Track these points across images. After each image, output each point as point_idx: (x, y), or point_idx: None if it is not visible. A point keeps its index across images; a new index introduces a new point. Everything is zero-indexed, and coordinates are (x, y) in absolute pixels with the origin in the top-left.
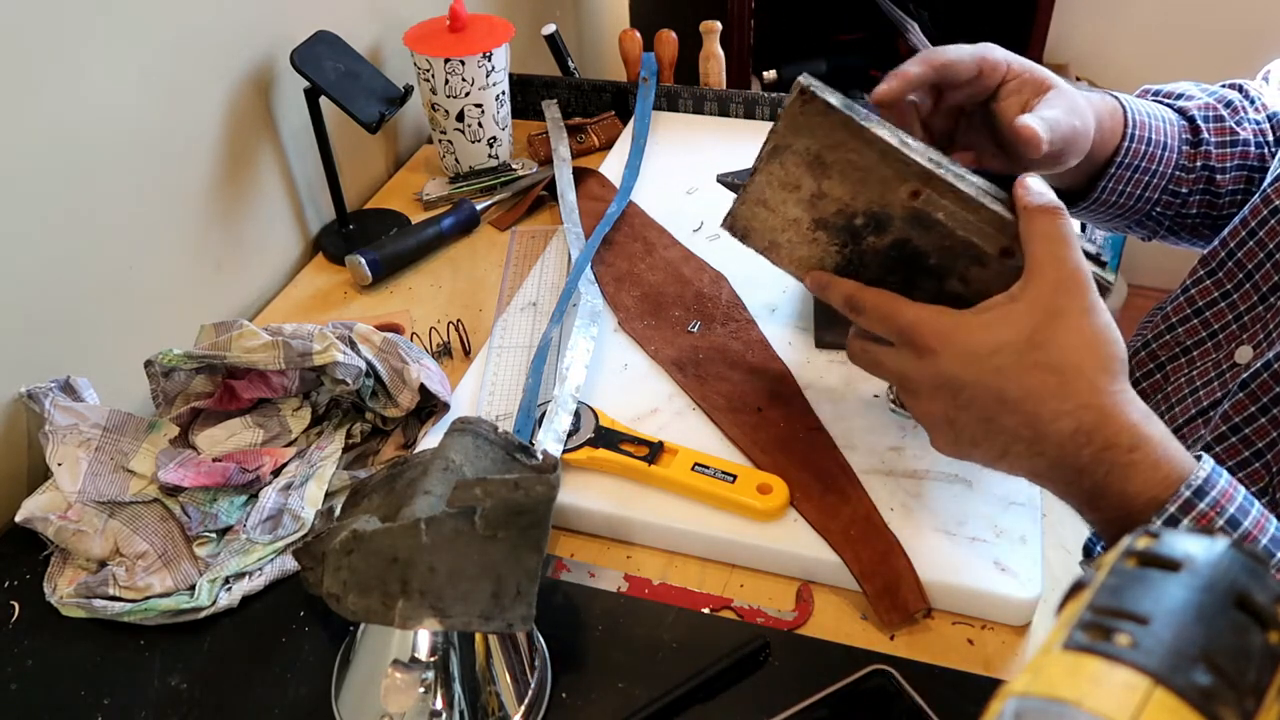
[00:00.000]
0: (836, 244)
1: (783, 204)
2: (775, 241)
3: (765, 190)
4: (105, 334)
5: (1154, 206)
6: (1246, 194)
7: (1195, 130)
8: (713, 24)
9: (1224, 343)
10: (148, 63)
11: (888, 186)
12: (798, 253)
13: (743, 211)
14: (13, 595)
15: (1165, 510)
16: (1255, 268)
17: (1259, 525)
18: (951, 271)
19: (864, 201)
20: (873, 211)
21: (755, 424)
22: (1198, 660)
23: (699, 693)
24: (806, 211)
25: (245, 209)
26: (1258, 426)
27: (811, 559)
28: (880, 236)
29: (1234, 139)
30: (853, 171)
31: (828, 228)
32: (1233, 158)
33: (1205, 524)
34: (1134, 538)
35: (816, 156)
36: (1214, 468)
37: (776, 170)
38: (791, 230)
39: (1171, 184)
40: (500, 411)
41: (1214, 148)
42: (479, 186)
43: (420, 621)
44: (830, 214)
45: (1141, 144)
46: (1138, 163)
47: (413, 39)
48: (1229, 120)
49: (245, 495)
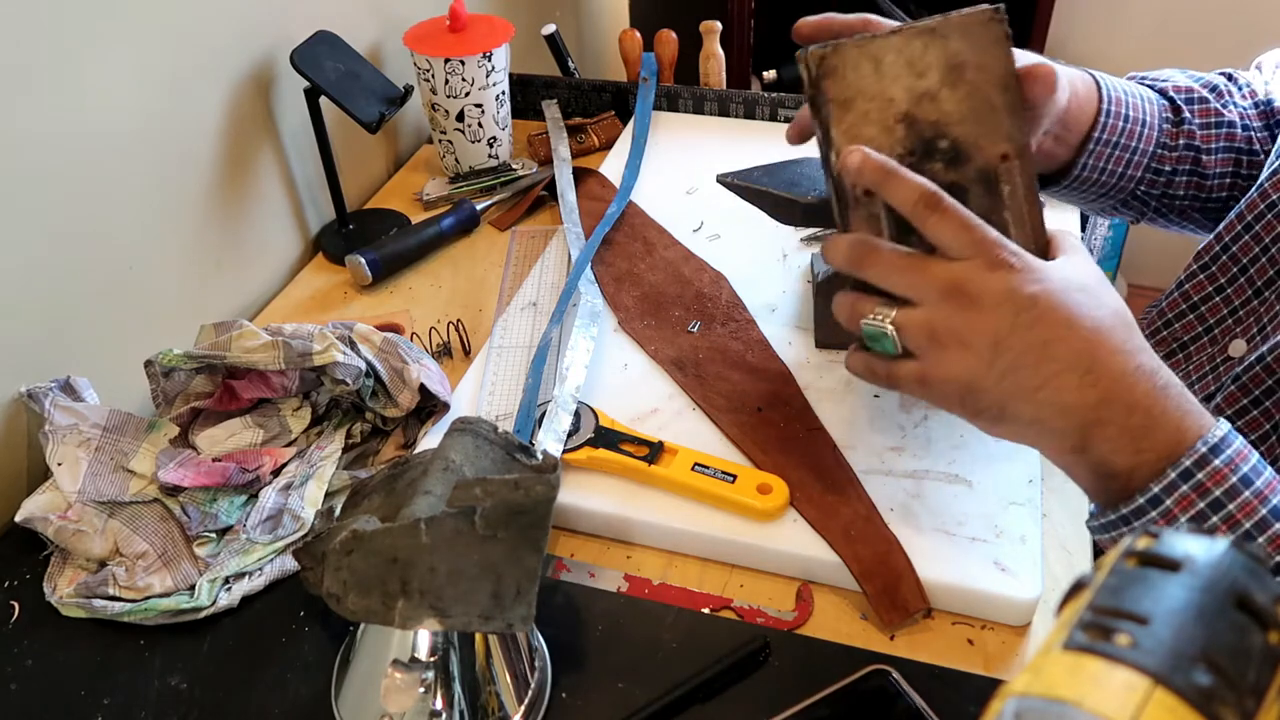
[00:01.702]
0: (905, 148)
1: (894, 78)
2: (852, 101)
3: (890, 54)
4: (105, 334)
5: (1138, 185)
6: (1235, 176)
7: (1176, 110)
8: (713, 24)
9: (1219, 337)
10: (147, 63)
11: (992, 135)
12: (863, 129)
13: (850, 54)
14: (13, 595)
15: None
16: (1250, 262)
17: (1270, 486)
18: (973, 198)
19: (963, 131)
20: (961, 144)
21: (755, 424)
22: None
23: (699, 693)
24: (908, 101)
25: (245, 209)
26: (1250, 419)
27: (811, 559)
28: (946, 170)
29: (1219, 120)
30: (977, 100)
31: (912, 128)
32: (1218, 139)
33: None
34: (1134, 538)
35: (959, 65)
36: (1230, 429)
37: (915, 46)
38: (877, 105)
39: (1154, 162)
40: (500, 411)
41: (1198, 128)
42: (479, 186)
43: (420, 621)
44: (927, 119)
45: (1119, 120)
46: (1116, 139)
47: (413, 39)
48: (1214, 102)
49: (245, 495)
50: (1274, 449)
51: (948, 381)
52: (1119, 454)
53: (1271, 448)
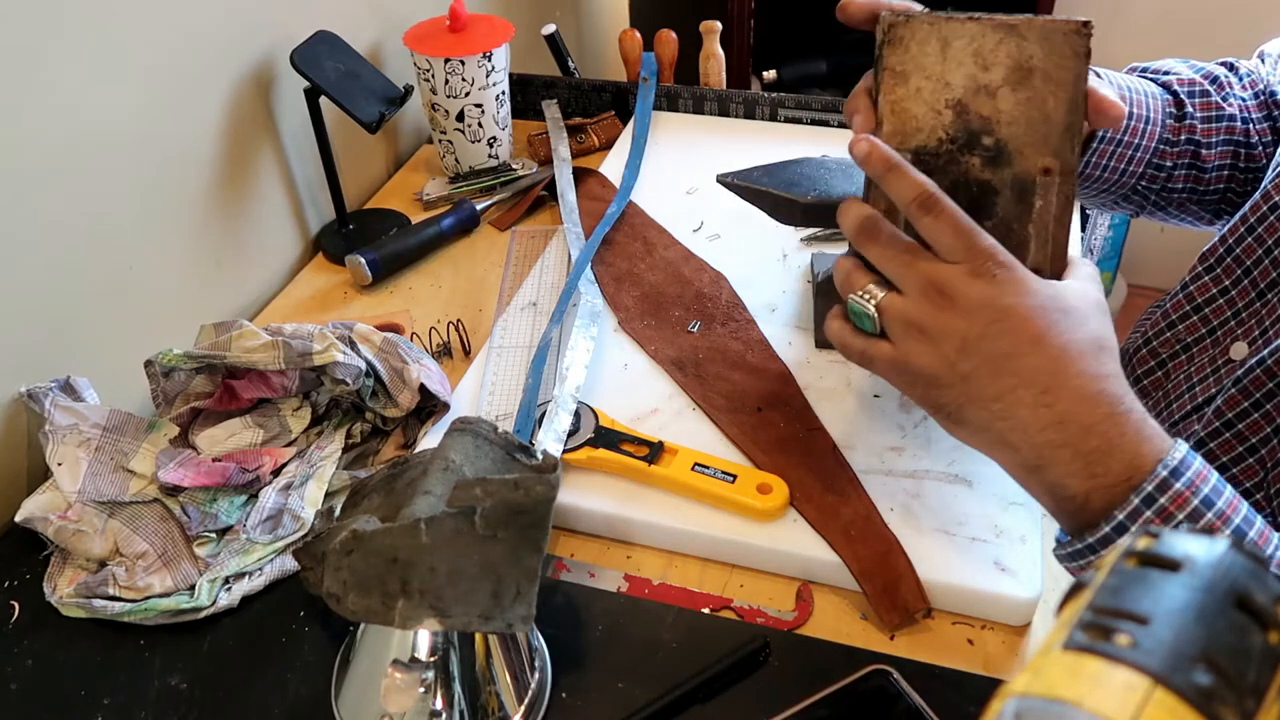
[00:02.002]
0: (947, 135)
1: (959, 63)
2: (908, 75)
3: (961, 39)
4: (105, 334)
5: (1139, 180)
6: (1232, 169)
7: (1179, 105)
8: (713, 24)
9: (1221, 339)
10: (148, 63)
11: (1040, 146)
12: (910, 105)
13: (921, 28)
14: (13, 595)
15: (1156, 475)
16: (1254, 264)
17: (1231, 506)
18: (1000, 204)
19: (1011, 133)
20: (1006, 146)
21: (755, 424)
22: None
23: (699, 693)
24: (964, 89)
25: (245, 209)
26: (1251, 421)
27: (811, 559)
28: (983, 167)
29: (1219, 114)
30: (1035, 107)
31: (961, 117)
32: (1218, 132)
33: (1182, 501)
34: (1134, 538)
35: (1028, 69)
36: (1188, 450)
37: (989, 39)
38: (932, 85)
39: (1155, 157)
40: (500, 411)
41: (1199, 122)
42: (479, 186)
43: (420, 621)
44: (979, 112)
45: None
46: (1121, 136)
47: (413, 39)
48: (1214, 95)
49: (245, 495)
50: (1274, 452)
51: (914, 372)
52: (1073, 477)
53: (1273, 450)
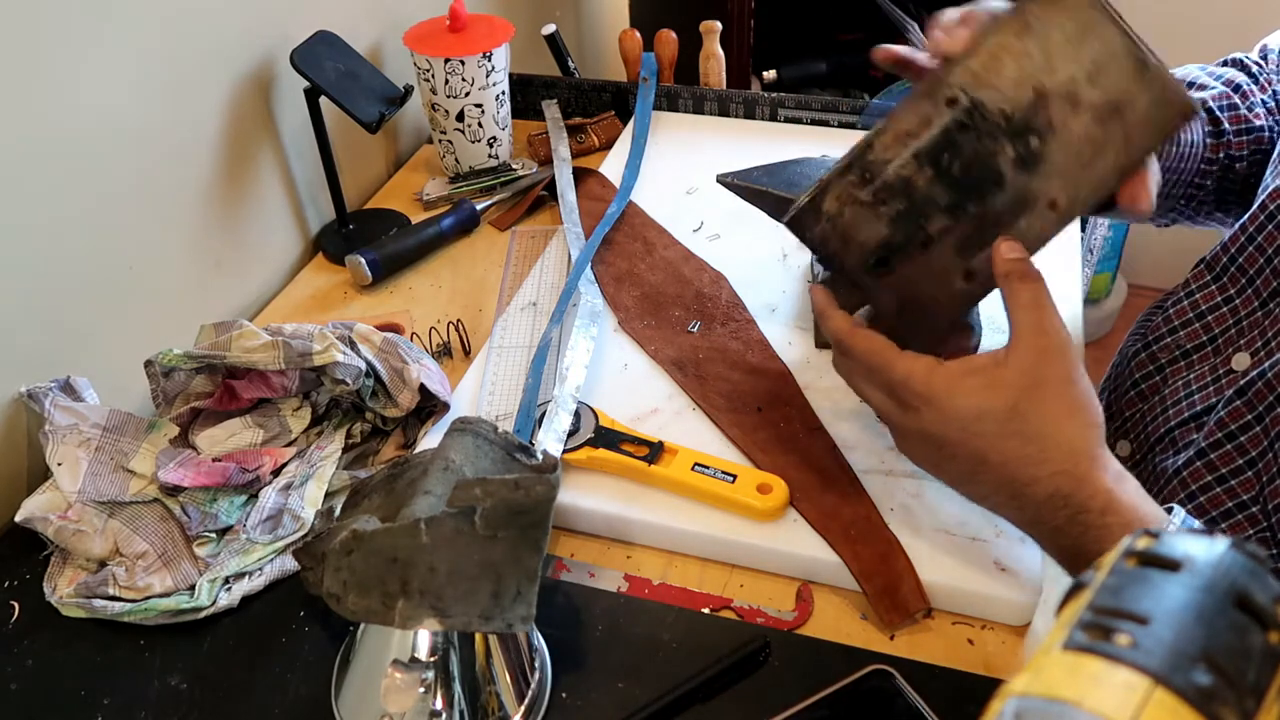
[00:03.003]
0: (1012, 107)
1: (1072, 59)
2: (1031, 32)
3: (1095, 41)
4: (105, 334)
5: (1178, 201)
6: (1261, 166)
7: (1216, 123)
8: (713, 24)
9: (1222, 347)
10: (148, 63)
11: (1066, 180)
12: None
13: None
14: (13, 595)
15: None
16: (1256, 273)
17: None
18: (1004, 222)
19: (1057, 154)
20: (1042, 161)
21: (755, 424)
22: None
23: (699, 693)
24: (1058, 86)
25: (245, 209)
26: (1252, 435)
27: (811, 559)
28: (1010, 163)
29: (1249, 126)
30: (1095, 148)
31: (1033, 107)
32: (1247, 145)
33: None
34: (1134, 538)
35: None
36: (1185, 519)
37: (1117, 59)
38: (1038, 60)
39: (1197, 178)
40: (500, 411)
41: (1232, 137)
42: (479, 186)
43: (420, 621)
44: (1050, 114)
45: (1173, 144)
46: (1169, 163)
47: (413, 39)
48: (1241, 107)
49: (245, 495)
50: (1270, 465)
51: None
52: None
53: (1269, 464)
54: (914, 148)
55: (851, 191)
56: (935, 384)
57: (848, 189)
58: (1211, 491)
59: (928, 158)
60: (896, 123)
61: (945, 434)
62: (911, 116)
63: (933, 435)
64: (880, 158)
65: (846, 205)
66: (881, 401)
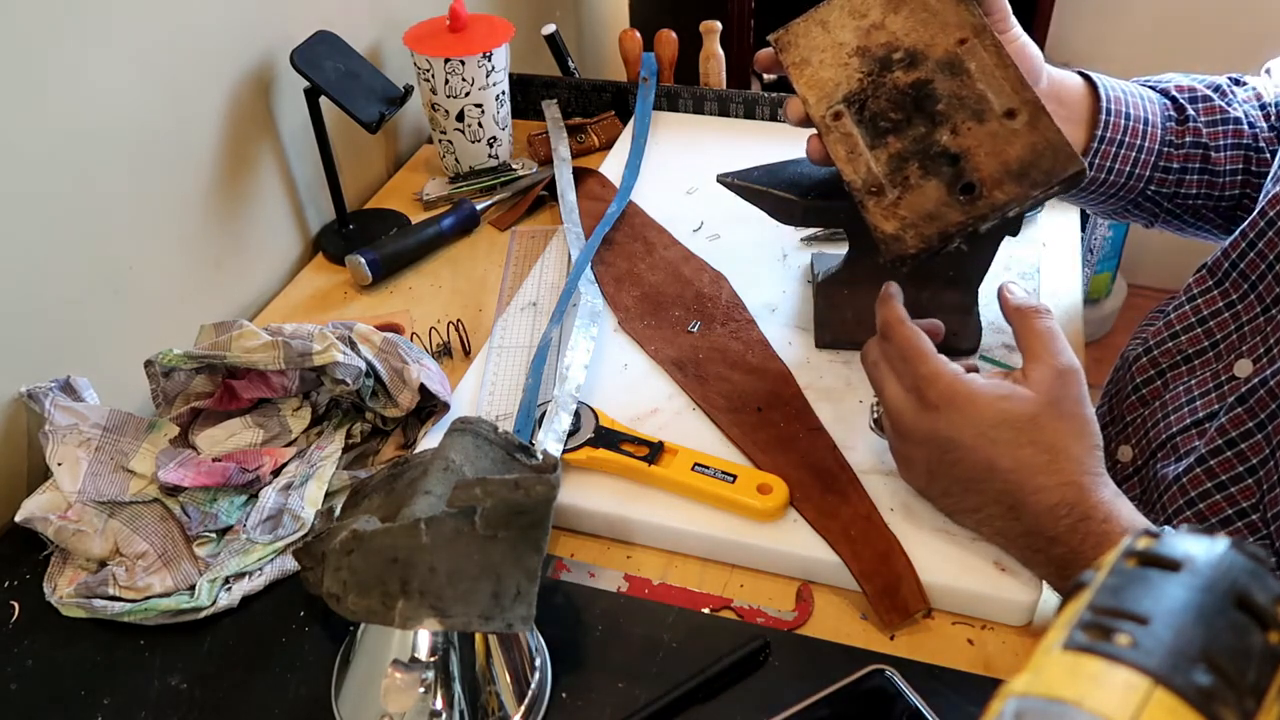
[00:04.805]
0: (862, 72)
1: (841, 27)
2: (807, 60)
3: (834, 13)
4: (105, 334)
5: (1147, 185)
6: (1245, 174)
7: (1179, 108)
8: (713, 24)
9: (1224, 353)
10: (148, 63)
11: (942, 30)
12: (822, 73)
13: (799, 26)
14: (13, 595)
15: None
16: (1258, 279)
17: None
18: (948, 120)
19: (913, 39)
20: (915, 49)
21: (755, 424)
22: (1198, 660)
23: (699, 693)
24: (855, 37)
25: (245, 209)
26: (1253, 442)
27: (811, 559)
28: (907, 73)
29: (1224, 116)
30: (923, 12)
31: (866, 56)
32: (1225, 135)
33: None
34: (1134, 538)
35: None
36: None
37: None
38: (830, 53)
39: (1161, 160)
40: (500, 411)
41: (1204, 125)
42: (479, 186)
43: (420, 621)
44: (877, 44)
45: (1120, 117)
46: (1120, 136)
47: (413, 39)
48: (1216, 100)
49: (245, 495)
50: (1271, 473)
51: (911, 484)
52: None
53: (1270, 472)
54: (864, 143)
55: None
56: (960, 387)
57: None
58: (1211, 499)
59: (877, 132)
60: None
61: (958, 438)
62: (838, 147)
63: (942, 438)
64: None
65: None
66: (899, 396)
